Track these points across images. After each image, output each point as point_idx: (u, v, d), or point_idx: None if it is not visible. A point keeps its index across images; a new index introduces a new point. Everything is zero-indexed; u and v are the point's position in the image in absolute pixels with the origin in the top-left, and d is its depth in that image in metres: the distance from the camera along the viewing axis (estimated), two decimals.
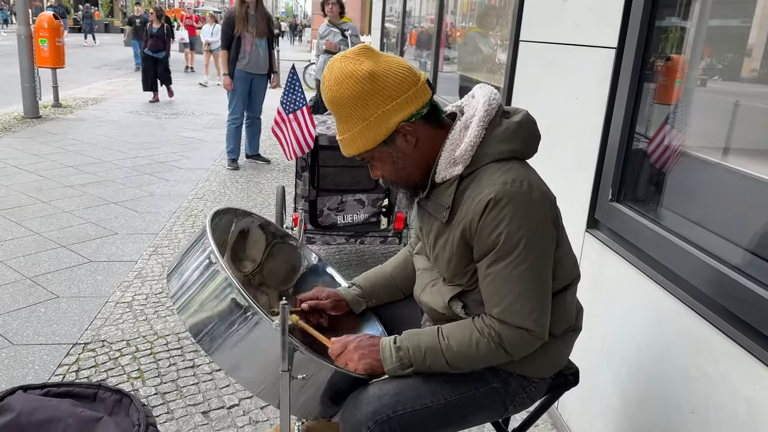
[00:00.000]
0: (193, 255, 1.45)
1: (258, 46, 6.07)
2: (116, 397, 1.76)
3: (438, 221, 1.47)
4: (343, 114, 1.39)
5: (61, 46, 9.23)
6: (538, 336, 1.38)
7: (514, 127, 1.42)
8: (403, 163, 1.44)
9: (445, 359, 1.41)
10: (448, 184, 1.43)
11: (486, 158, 1.39)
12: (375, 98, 1.35)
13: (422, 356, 1.42)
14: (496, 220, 1.32)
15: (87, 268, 3.67)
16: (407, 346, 1.43)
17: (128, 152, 6.83)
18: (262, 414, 2.38)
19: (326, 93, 1.40)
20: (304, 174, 3.46)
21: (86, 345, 2.81)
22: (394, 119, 1.37)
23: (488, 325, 1.38)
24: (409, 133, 1.40)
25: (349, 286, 1.78)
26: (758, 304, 1.36)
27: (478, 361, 1.42)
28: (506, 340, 1.37)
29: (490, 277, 1.37)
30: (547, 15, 2.65)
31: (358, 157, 1.46)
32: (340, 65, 1.37)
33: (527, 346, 1.40)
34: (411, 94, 1.37)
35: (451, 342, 1.41)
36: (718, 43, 1.76)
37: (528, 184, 1.35)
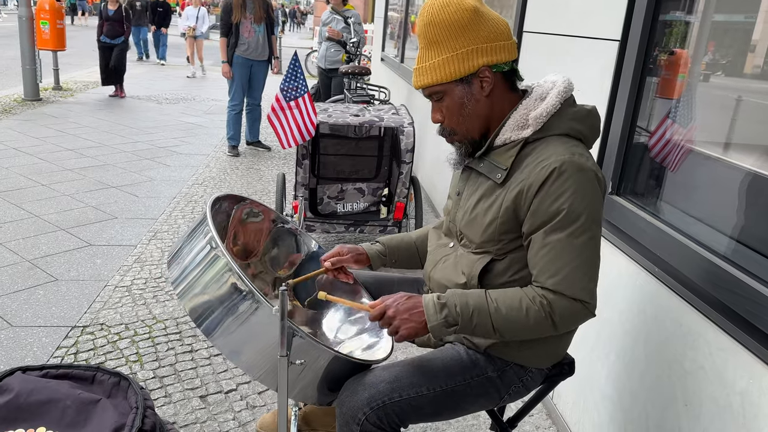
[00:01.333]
0: (193, 240, 1.45)
1: (257, 32, 6.06)
2: (114, 380, 1.77)
3: (489, 182, 1.47)
4: (434, 39, 1.40)
5: (63, 28, 9.19)
6: (591, 310, 1.35)
7: (586, 113, 1.45)
8: (471, 109, 1.44)
9: (491, 321, 1.36)
10: (510, 146, 1.44)
11: (556, 129, 1.41)
12: (471, 33, 1.38)
13: (469, 315, 1.36)
14: (560, 189, 1.32)
15: (86, 252, 3.68)
16: (454, 303, 1.37)
17: (129, 137, 6.81)
18: (260, 399, 2.40)
19: (424, 15, 1.41)
20: (304, 162, 3.46)
21: (85, 328, 2.82)
22: (480, 60, 1.39)
23: (540, 294, 1.35)
24: (487, 79, 1.42)
25: (373, 243, 1.80)
26: (754, 298, 1.36)
27: (524, 329, 1.36)
28: (558, 311, 1.33)
29: (549, 247, 1.34)
30: (552, 6, 2.64)
31: (427, 91, 1.46)
32: None
33: (577, 319, 1.36)
34: (503, 44, 1.40)
35: (500, 305, 1.36)
36: (722, 38, 1.76)
37: (592, 162, 1.37)
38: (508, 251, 1.45)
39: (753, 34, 1.61)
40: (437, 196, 4.93)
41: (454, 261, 1.54)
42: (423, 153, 5.36)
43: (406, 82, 6.59)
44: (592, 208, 1.33)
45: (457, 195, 1.60)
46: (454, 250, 1.57)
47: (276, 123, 3.21)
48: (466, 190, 1.56)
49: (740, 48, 1.67)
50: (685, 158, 1.83)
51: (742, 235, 1.52)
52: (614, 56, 2.04)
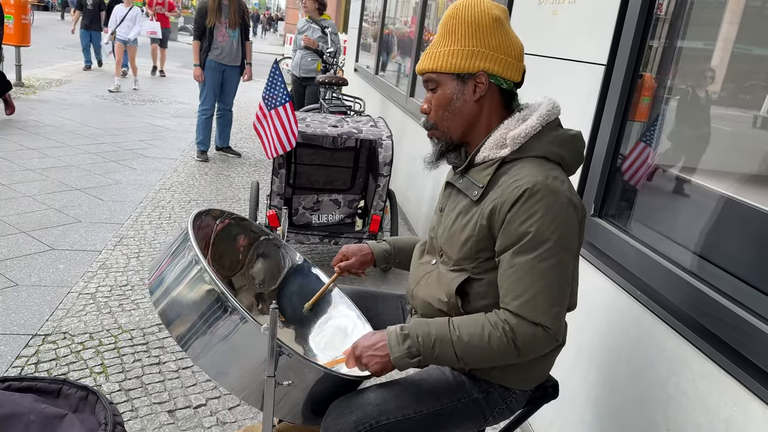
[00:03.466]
0: (175, 258, 1.40)
1: (231, 37, 5.99)
2: (82, 394, 1.69)
3: (467, 199, 1.47)
4: (451, 30, 1.43)
5: (27, 23, 8.93)
6: (554, 336, 1.34)
7: (568, 137, 1.45)
8: (456, 108, 1.46)
9: (454, 350, 1.35)
10: (488, 164, 1.44)
11: (534, 151, 1.41)
12: (484, 36, 1.41)
13: (431, 345, 1.36)
14: (529, 212, 1.32)
15: (48, 256, 3.54)
16: (416, 334, 1.37)
17: (93, 137, 6.63)
18: (230, 415, 2.33)
19: (453, 8, 1.45)
20: (281, 171, 3.41)
21: (47, 336, 2.71)
22: (482, 63, 1.42)
23: (502, 320, 1.34)
24: (481, 85, 1.43)
25: (379, 242, 1.83)
26: (738, 324, 1.38)
27: (487, 356, 1.35)
28: (519, 336, 1.32)
29: (514, 269, 1.33)
30: (536, 27, 2.67)
31: (425, 76, 1.48)
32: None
33: (540, 345, 1.34)
34: (509, 61, 1.43)
35: (462, 333, 1.35)
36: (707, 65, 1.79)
37: (568, 187, 1.37)
38: (485, 270, 1.44)
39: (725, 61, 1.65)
40: (410, 209, 4.93)
41: (437, 278, 1.53)
42: (397, 165, 5.36)
43: (381, 94, 6.59)
44: (561, 232, 1.32)
45: (440, 211, 1.60)
46: (436, 267, 1.56)
47: (261, 132, 3.17)
48: (447, 207, 1.56)
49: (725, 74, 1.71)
50: (665, 182, 1.85)
51: (725, 261, 1.54)
52: (600, 80, 2.06)
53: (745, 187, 1.58)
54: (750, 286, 1.42)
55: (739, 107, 1.63)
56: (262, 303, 1.81)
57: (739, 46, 1.63)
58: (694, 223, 1.70)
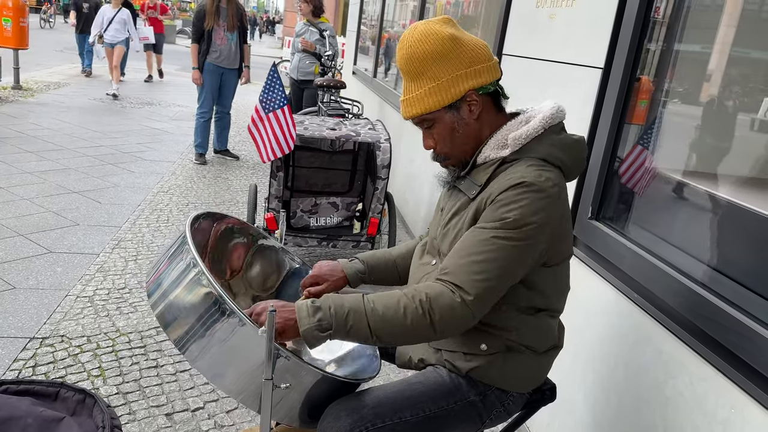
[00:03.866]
0: (173, 261, 1.40)
1: (230, 40, 6.00)
2: (79, 397, 1.69)
3: (464, 198, 1.48)
4: (415, 71, 1.41)
5: (25, 26, 8.93)
6: (470, 307, 1.29)
7: (571, 142, 1.45)
8: (461, 133, 1.45)
9: (368, 322, 1.30)
10: (488, 164, 1.45)
11: (534, 152, 1.41)
12: (452, 60, 1.38)
13: (344, 316, 1.30)
14: (512, 199, 1.32)
15: (46, 259, 3.54)
16: (328, 305, 1.31)
17: (91, 140, 6.63)
18: (228, 418, 2.33)
19: (403, 49, 1.42)
20: (279, 174, 3.41)
21: (44, 340, 2.71)
22: (465, 85, 1.40)
23: (420, 291, 1.32)
24: (475, 103, 1.42)
25: (351, 260, 1.76)
26: (736, 327, 1.38)
27: (402, 330, 1.31)
28: (436, 308, 1.29)
29: (471, 235, 1.34)
30: (533, 30, 2.67)
31: (417, 119, 1.46)
32: (423, 26, 1.41)
33: (455, 317, 1.30)
34: (485, 66, 1.41)
35: (376, 305, 1.31)
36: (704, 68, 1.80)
37: (558, 190, 1.36)
38: None
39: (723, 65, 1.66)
40: (408, 212, 4.93)
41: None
42: (395, 168, 5.36)
43: (378, 96, 6.60)
44: (534, 228, 1.31)
45: (441, 211, 1.61)
46: (435, 267, 1.56)
47: (256, 135, 3.15)
48: (447, 206, 1.57)
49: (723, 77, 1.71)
50: (663, 185, 1.86)
51: (723, 264, 1.54)
52: (597, 83, 2.07)
53: (743, 191, 1.58)
54: (747, 289, 1.43)
55: (737, 110, 1.64)
56: None
57: (737, 49, 1.63)
58: (692, 226, 1.70)
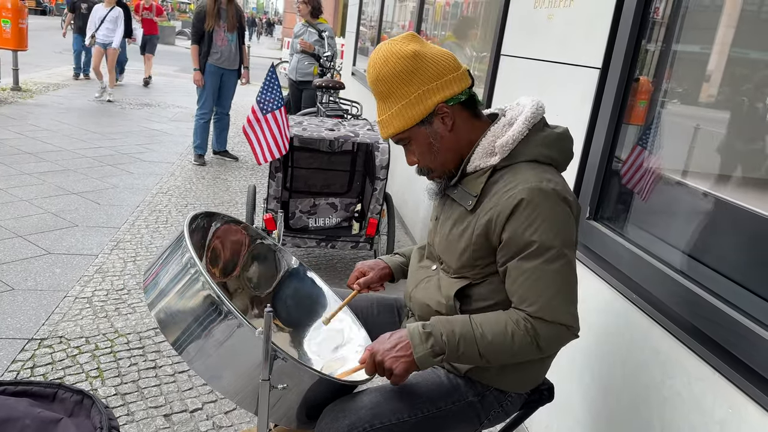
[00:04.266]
0: (170, 261, 1.40)
1: (230, 41, 6.00)
2: (77, 398, 1.69)
3: (461, 209, 1.48)
4: (385, 92, 1.42)
5: (24, 27, 8.93)
6: (574, 332, 1.36)
7: (556, 137, 1.46)
8: (439, 146, 1.46)
9: (477, 348, 1.34)
10: (479, 173, 1.45)
11: (524, 156, 1.41)
12: (417, 77, 1.39)
13: (456, 343, 1.34)
14: (530, 219, 1.33)
15: (45, 260, 3.54)
16: (440, 331, 1.35)
17: (90, 141, 6.63)
18: (226, 419, 2.33)
19: (370, 72, 1.44)
20: (277, 175, 3.41)
21: (43, 341, 2.70)
22: (433, 99, 1.40)
23: (524, 319, 1.34)
24: (446, 115, 1.43)
25: (393, 255, 1.82)
26: (733, 327, 1.38)
27: (510, 353, 1.35)
28: (542, 334, 1.33)
29: (525, 276, 1.34)
30: (531, 31, 2.67)
31: (394, 138, 1.48)
32: (386, 46, 1.42)
33: (562, 341, 1.37)
34: (452, 78, 1.42)
35: (485, 331, 1.35)
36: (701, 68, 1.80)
37: (562, 186, 1.38)
38: (486, 275, 1.46)
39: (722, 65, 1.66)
40: (408, 212, 4.93)
41: (437, 283, 1.53)
42: (394, 169, 5.36)
43: None
44: (563, 233, 1.34)
45: (436, 220, 1.61)
46: (437, 272, 1.56)
47: (252, 137, 3.13)
48: (442, 216, 1.57)
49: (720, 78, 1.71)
50: (661, 185, 1.86)
51: (720, 263, 1.54)
52: (594, 84, 2.07)
53: (740, 190, 1.59)
54: (745, 288, 1.43)
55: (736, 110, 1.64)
56: (257, 306, 1.81)
57: (736, 49, 1.63)
58: (689, 226, 1.70)
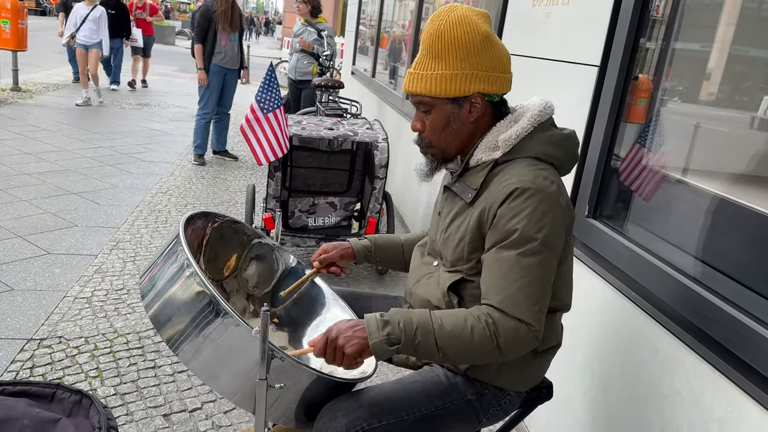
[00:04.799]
0: (166, 262, 1.40)
1: (233, 42, 6.01)
2: (75, 398, 1.69)
3: (461, 202, 1.48)
4: (439, 52, 1.39)
5: (24, 28, 8.92)
6: (535, 334, 1.30)
7: (561, 137, 1.45)
8: (454, 129, 1.45)
9: (435, 340, 1.29)
10: (481, 167, 1.44)
11: (526, 152, 1.41)
12: (476, 57, 1.38)
13: (413, 332, 1.29)
14: (517, 208, 1.32)
15: (44, 261, 3.53)
16: (397, 320, 1.31)
17: (90, 142, 6.63)
18: (226, 419, 2.33)
19: (436, 25, 1.39)
20: (276, 174, 3.40)
21: (42, 341, 2.70)
22: (477, 86, 1.40)
23: (485, 313, 1.30)
24: (477, 105, 1.42)
25: (360, 238, 1.82)
26: (732, 324, 1.38)
27: (469, 349, 1.30)
28: (501, 330, 1.28)
29: (498, 264, 1.32)
30: (530, 28, 2.67)
31: (417, 98, 1.44)
32: (463, 11, 1.38)
33: (521, 342, 1.30)
34: (501, 76, 1.41)
35: (444, 323, 1.31)
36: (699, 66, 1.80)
37: (558, 187, 1.37)
38: (479, 271, 1.44)
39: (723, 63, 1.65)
40: (407, 211, 4.93)
41: (437, 279, 1.53)
42: (393, 168, 5.36)
43: (377, 97, 6.59)
44: (547, 231, 1.32)
45: (438, 215, 1.60)
46: (438, 268, 1.56)
47: (251, 137, 3.11)
48: (445, 210, 1.57)
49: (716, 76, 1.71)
50: (660, 183, 1.85)
51: (719, 261, 1.54)
52: (593, 81, 2.06)
53: (740, 188, 1.58)
54: (744, 286, 1.42)
55: (737, 108, 1.63)
56: (254, 306, 1.81)
57: (736, 47, 1.63)
58: (688, 224, 1.70)
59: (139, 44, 10.81)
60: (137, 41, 10.72)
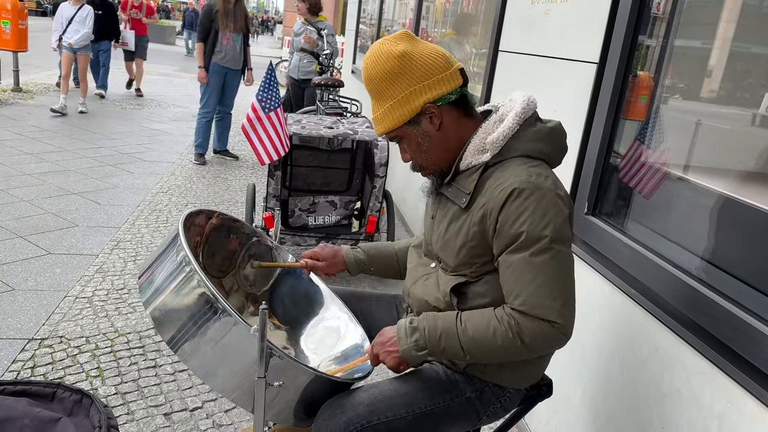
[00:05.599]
0: (165, 259, 1.40)
1: (235, 41, 6.00)
2: (76, 397, 1.69)
3: (455, 207, 1.48)
4: (375, 91, 1.45)
5: (24, 29, 8.93)
6: (561, 330, 1.31)
7: (547, 131, 1.45)
8: (428, 145, 1.47)
9: (460, 344, 1.36)
10: (472, 171, 1.45)
11: (515, 151, 1.41)
12: (405, 77, 1.40)
13: (437, 337, 1.37)
14: (519, 210, 1.32)
15: (45, 261, 3.54)
16: (423, 326, 1.40)
17: (91, 142, 6.63)
18: (226, 417, 2.33)
19: (363, 71, 1.46)
20: (276, 173, 3.40)
21: (43, 341, 2.71)
22: (420, 100, 1.41)
23: (508, 314, 1.33)
24: (434, 115, 1.43)
25: (353, 248, 1.82)
26: (731, 321, 1.38)
27: (494, 350, 1.35)
28: (525, 330, 1.31)
29: (512, 268, 1.34)
30: (529, 26, 2.67)
31: (387, 136, 1.51)
32: (377, 46, 1.44)
33: (548, 340, 1.32)
34: (440, 78, 1.42)
35: (468, 327, 1.36)
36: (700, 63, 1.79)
37: (552, 181, 1.37)
38: (482, 273, 1.45)
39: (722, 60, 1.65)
40: (407, 209, 4.93)
41: (436, 280, 1.53)
42: (394, 167, 5.36)
43: None
44: (553, 226, 1.32)
45: (432, 218, 1.61)
46: (435, 270, 1.56)
47: (253, 136, 3.10)
48: (438, 214, 1.57)
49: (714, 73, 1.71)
50: (659, 180, 1.85)
51: (718, 258, 1.54)
52: (592, 78, 2.06)
53: (741, 185, 1.58)
54: (743, 282, 1.42)
55: (738, 105, 1.63)
56: (253, 304, 1.81)
57: (737, 44, 1.62)
58: (688, 221, 1.70)
59: (131, 47, 9.98)
60: (128, 44, 9.91)
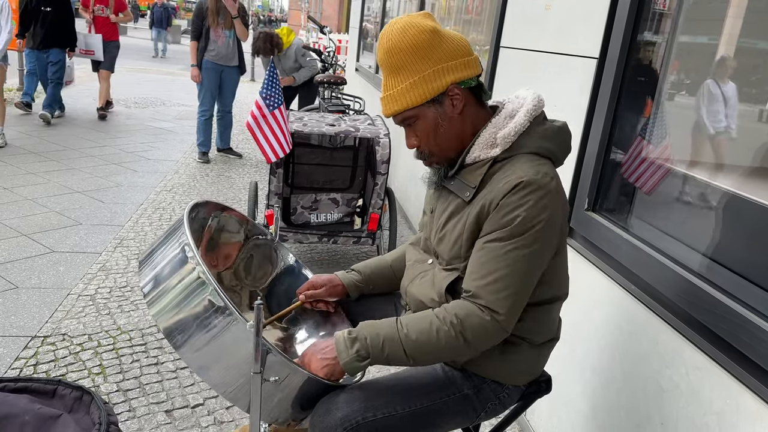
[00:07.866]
0: (167, 246, 1.40)
1: (227, 37, 6.00)
2: (77, 394, 1.70)
3: (458, 200, 1.46)
4: (397, 65, 1.38)
5: None
6: (502, 324, 1.32)
7: (555, 130, 1.45)
8: (445, 129, 1.43)
9: (403, 349, 1.34)
10: (479, 164, 1.43)
11: (525, 148, 1.40)
12: (435, 53, 1.36)
13: (380, 345, 1.34)
14: (519, 201, 1.31)
15: (49, 259, 3.55)
16: (364, 336, 1.36)
17: (95, 140, 6.65)
18: (227, 414, 2.33)
19: (385, 42, 1.39)
20: (278, 170, 3.40)
21: (46, 338, 2.72)
22: (447, 78, 1.38)
23: (450, 312, 1.33)
24: (457, 97, 1.40)
25: (348, 272, 1.77)
26: (731, 317, 1.37)
27: (438, 351, 1.34)
28: (468, 327, 1.31)
29: (485, 251, 1.33)
30: (530, 22, 2.66)
31: (400, 117, 1.43)
32: (405, 19, 1.39)
33: (489, 335, 1.33)
34: (467, 60, 1.40)
35: (410, 331, 1.34)
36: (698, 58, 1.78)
37: (556, 182, 1.37)
38: None
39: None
40: (410, 206, 4.92)
41: (431, 278, 1.52)
42: (397, 163, 5.35)
43: None
44: (543, 226, 1.32)
45: (431, 213, 1.60)
46: (432, 266, 1.55)
47: (258, 134, 3.09)
48: (438, 208, 1.55)
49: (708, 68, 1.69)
50: (659, 176, 1.84)
51: (718, 254, 1.53)
52: (592, 74, 2.05)
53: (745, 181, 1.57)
54: (742, 278, 1.41)
55: (745, 102, 1.61)
56: (251, 301, 1.81)
57: (744, 40, 1.61)
58: (688, 217, 1.69)
59: (98, 56, 7.52)
60: (94, 52, 7.51)
